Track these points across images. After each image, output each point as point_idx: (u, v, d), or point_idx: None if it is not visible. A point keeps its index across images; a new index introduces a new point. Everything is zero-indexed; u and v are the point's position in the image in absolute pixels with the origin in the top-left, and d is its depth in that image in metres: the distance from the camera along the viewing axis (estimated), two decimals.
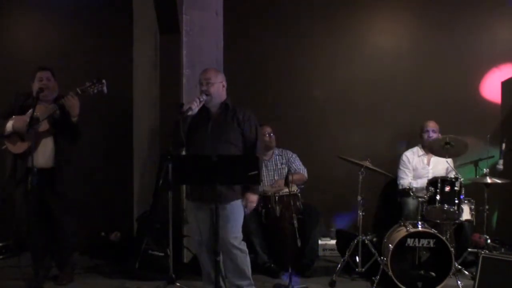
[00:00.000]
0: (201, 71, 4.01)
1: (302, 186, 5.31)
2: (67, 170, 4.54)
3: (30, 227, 4.42)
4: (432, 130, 5.52)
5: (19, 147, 4.39)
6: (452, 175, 4.92)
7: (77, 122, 4.43)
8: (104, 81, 4.40)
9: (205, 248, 3.92)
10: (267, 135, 5.41)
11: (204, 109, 3.87)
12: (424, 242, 4.46)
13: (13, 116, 4.43)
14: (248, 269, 3.97)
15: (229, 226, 3.82)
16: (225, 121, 3.88)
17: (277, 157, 5.48)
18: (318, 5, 6.14)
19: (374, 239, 5.04)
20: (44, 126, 4.39)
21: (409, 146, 5.80)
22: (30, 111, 4.31)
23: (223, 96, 3.93)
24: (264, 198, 5.03)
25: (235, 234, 3.87)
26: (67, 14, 6.12)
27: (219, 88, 3.88)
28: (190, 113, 3.72)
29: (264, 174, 5.36)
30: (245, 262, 3.94)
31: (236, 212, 3.89)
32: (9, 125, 4.41)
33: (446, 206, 4.66)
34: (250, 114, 3.96)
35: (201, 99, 3.78)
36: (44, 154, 4.43)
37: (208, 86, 3.83)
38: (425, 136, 5.54)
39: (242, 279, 3.95)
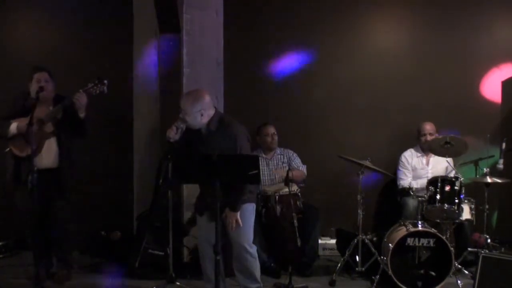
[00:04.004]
0: (183, 95, 4.03)
1: (302, 184, 5.31)
2: (72, 170, 4.57)
3: (32, 226, 4.42)
4: (429, 133, 5.51)
5: (24, 150, 4.39)
6: (452, 174, 4.92)
7: (85, 118, 4.45)
8: (106, 81, 4.40)
9: (206, 243, 3.92)
10: (270, 136, 5.43)
11: (196, 130, 3.92)
12: (424, 241, 4.46)
13: (16, 118, 4.43)
14: (258, 272, 4.02)
15: (241, 229, 3.88)
16: (212, 144, 3.84)
17: (279, 156, 5.49)
18: (318, 5, 6.13)
19: (374, 239, 5.04)
20: (48, 127, 4.41)
21: (409, 145, 5.78)
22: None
23: (203, 121, 3.88)
24: (264, 198, 5.03)
25: (246, 237, 3.94)
26: (67, 13, 6.11)
27: (196, 117, 3.83)
28: (171, 140, 3.80)
29: (266, 173, 5.37)
30: (255, 266, 3.99)
31: (248, 215, 3.94)
32: (13, 126, 4.42)
33: (446, 205, 4.66)
34: (232, 133, 3.88)
35: (179, 127, 3.83)
36: (48, 155, 4.46)
37: (186, 116, 3.84)
38: (423, 139, 5.54)
39: (251, 282, 4.00)
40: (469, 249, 4.98)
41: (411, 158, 5.64)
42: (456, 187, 4.68)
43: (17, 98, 4.60)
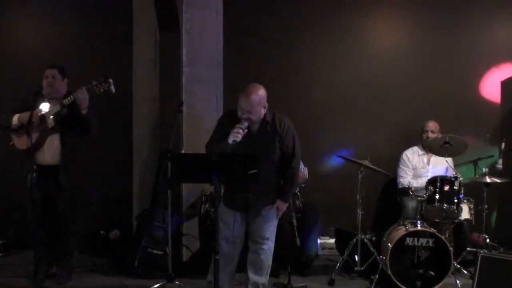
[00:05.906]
0: (242, 96, 3.78)
1: (304, 185, 5.31)
2: (74, 167, 4.54)
3: (33, 223, 4.42)
4: (432, 131, 5.51)
5: (23, 143, 4.37)
6: (451, 174, 4.92)
7: (87, 114, 4.42)
8: (110, 80, 4.36)
9: (232, 244, 3.93)
10: None
11: None
12: (423, 241, 4.46)
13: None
14: (269, 269, 4.03)
15: (267, 223, 3.93)
16: (265, 138, 3.85)
17: None
18: (318, 4, 6.14)
19: (373, 238, 5.04)
20: (50, 123, 4.40)
21: (409, 145, 5.79)
22: (38, 108, 4.34)
23: (262, 115, 3.87)
24: None
25: (273, 231, 3.99)
26: (67, 12, 6.12)
27: (261, 112, 3.82)
28: (235, 143, 3.69)
29: None
30: (269, 260, 4.00)
31: (273, 212, 3.98)
32: (15, 118, 4.42)
33: (445, 205, 4.66)
34: (289, 125, 3.92)
35: (243, 128, 3.72)
36: (50, 151, 4.44)
37: (251, 115, 3.76)
38: (425, 136, 5.54)
39: (260, 277, 3.98)
40: (468, 249, 4.99)
41: (412, 156, 5.64)
42: (455, 187, 4.68)
43: (29, 94, 4.56)
